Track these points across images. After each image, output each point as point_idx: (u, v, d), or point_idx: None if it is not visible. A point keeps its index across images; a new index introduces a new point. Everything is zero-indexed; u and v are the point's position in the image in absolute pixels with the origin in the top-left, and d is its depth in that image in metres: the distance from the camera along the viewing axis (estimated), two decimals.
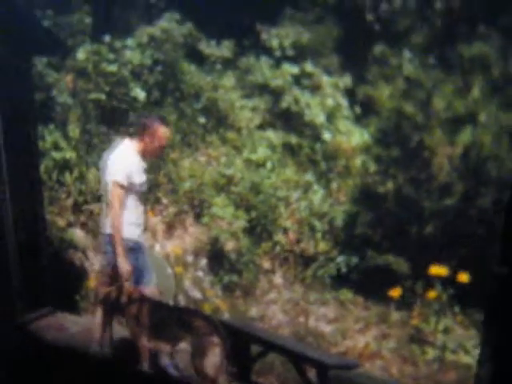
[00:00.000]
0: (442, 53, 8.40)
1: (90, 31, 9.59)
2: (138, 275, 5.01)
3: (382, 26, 9.65)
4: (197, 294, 7.67)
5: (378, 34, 9.66)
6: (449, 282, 7.41)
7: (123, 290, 4.86)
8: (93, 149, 8.74)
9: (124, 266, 4.83)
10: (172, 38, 9.86)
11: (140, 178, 4.97)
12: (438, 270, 7.49)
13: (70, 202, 7.96)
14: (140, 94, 9.29)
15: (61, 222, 7.73)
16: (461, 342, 7.23)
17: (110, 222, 4.89)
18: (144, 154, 5.01)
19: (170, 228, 8.80)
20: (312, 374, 5.42)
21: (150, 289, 5.17)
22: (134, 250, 4.98)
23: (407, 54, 8.47)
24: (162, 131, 4.97)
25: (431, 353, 7.13)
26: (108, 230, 4.92)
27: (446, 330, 7.41)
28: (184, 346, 4.96)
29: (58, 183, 8.10)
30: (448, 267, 7.43)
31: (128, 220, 4.96)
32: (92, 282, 7.04)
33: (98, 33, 9.51)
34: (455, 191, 7.90)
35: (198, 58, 10.22)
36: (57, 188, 8.03)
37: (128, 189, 4.88)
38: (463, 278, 7.44)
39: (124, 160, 4.89)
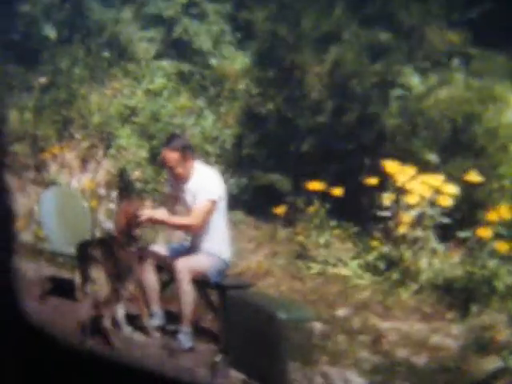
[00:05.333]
0: None
1: None
2: None
3: None
4: (110, 226, 8.13)
5: None
6: (325, 196, 7.54)
7: None
8: (11, 89, 9.13)
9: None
10: None
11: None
12: (315, 185, 7.64)
13: None
14: (51, 32, 9.61)
15: None
16: (339, 255, 7.41)
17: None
18: None
19: (84, 162, 9.21)
20: (214, 296, 6.01)
21: None
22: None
23: None
24: None
25: (315, 267, 7.31)
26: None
27: (326, 245, 7.52)
28: None
29: None
30: (324, 182, 7.59)
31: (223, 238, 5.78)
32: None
33: None
34: (325, 108, 8.20)
35: None
36: None
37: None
38: (337, 191, 7.52)
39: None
